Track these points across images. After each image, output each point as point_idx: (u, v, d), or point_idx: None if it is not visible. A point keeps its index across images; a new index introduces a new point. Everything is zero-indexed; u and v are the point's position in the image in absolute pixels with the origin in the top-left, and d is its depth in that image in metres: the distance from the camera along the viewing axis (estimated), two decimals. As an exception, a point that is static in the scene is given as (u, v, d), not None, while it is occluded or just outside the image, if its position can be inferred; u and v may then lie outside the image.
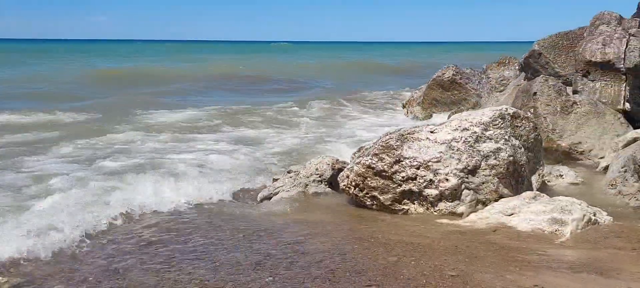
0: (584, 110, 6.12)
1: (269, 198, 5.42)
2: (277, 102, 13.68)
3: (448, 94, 9.89)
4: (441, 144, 4.71)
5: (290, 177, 5.63)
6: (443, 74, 9.99)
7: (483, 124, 4.75)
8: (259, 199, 5.47)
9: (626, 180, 4.79)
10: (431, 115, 9.99)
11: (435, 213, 4.58)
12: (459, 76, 9.91)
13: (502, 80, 11.13)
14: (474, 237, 3.93)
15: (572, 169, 5.60)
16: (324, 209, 4.77)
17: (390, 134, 4.94)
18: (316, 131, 9.38)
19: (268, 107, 12.67)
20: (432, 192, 4.63)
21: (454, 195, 4.60)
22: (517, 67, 11.67)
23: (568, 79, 7.46)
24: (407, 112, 10.55)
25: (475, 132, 4.71)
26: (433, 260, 3.40)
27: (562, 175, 5.41)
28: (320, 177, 5.53)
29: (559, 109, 6.16)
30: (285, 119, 11.13)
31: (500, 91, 10.75)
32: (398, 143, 4.81)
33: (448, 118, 9.03)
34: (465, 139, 4.69)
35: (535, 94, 6.37)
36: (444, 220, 4.39)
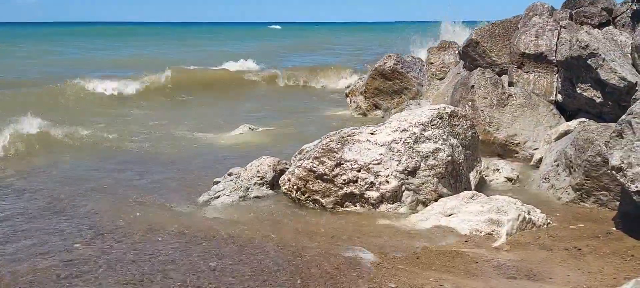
0: (518, 102, 6.28)
1: (208, 203, 5.27)
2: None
3: (390, 84, 9.94)
4: (381, 145, 4.71)
5: (231, 180, 5.50)
6: (384, 63, 10.02)
7: (422, 124, 4.78)
8: (199, 203, 5.31)
9: (558, 174, 4.95)
10: (374, 106, 10.04)
11: (377, 215, 4.59)
12: (400, 65, 9.98)
13: (442, 67, 11.30)
14: (413, 239, 3.96)
15: (508, 163, 5.75)
16: (265, 214, 4.67)
17: (331, 136, 4.89)
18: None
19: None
20: (373, 194, 4.63)
21: (395, 196, 4.62)
22: (457, 52, 11.91)
23: (504, 67, 7.64)
24: (350, 102, 10.55)
25: (414, 133, 4.73)
26: (373, 270, 3.39)
27: (498, 169, 5.55)
28: (261, 179, 5.42)
29: (495, 102, 6.29)
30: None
31: (441, 78, 10.93)
32: (339, 146, 4.77)
33: (391, 108, 9.17)
34: (405, 140, 4.71)
35: (472, 87, 6.48)
36: (386, 221, 4.41)
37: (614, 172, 3.81)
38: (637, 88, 5.57)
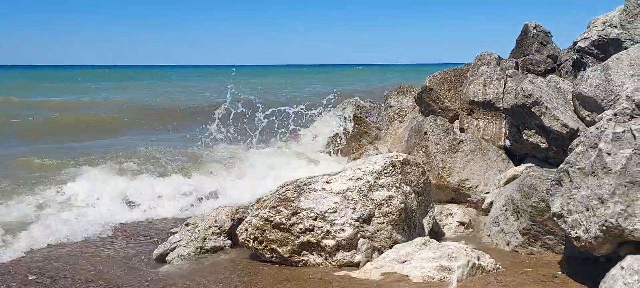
0: (469, 147, 6.52)
1: (165, 255, 5.22)
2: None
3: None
4: (337, 194, 4.80)
5: (188, 231, 5.48)
6: (343, 108, 10.26)
7: (375, 172, 4.91)
8: (154, 256, 5.26)
9: (507, 218, 5.14)
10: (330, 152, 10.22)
11: (333, 263, 4.65)
12: (359, 110, 10.22)
13: (400, 111, 11.61)
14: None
15: (461, 207, 5.93)
16: (220, 267, 4.67)
17: (287, 185, 4.96)
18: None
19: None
20: (329, 242, 4.70)
21: (351, 244, 4.70)
22: (415, 96, 12.27)
23: (458, 113, 7.94)
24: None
25: (368, 181, 4.86)
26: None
27: (451, 214, 5.72)
28: (219, 228, 5.43)
29: (447, 148, 6.52)
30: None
31: (400, 121, 11.22)
32: (295, 194, 4.84)
33: (350, 153, 9.31)
34: (359, 188, 4.82)
35: (425, 133, 6.70)
36: (342, 272, 4.46)
37: (555, 218, 4.00)
38: (578, 134, 5.88)
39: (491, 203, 5.81)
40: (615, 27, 6.63)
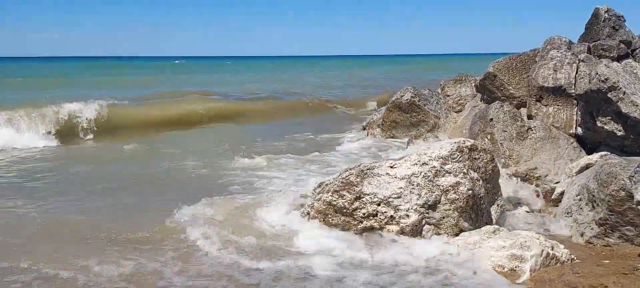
0: (538, 135, 6.25)
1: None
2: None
3: (407, 116, 9.96)
4: (401, 179, 4.70)
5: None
6: (401, 96, 10.07)
7: (442, 157, 4.77)
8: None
9: (581, 209, 4.88)
10: (393, 137, 10.04)
11: (397, 249, 4.55)
12: (418, 98, 10.01)
13: (459, 100, 11.32)
14: (433, 275, 3.91)
15: (529, 196, 5.69)
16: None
17: (350, 169, 4.90)
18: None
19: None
20: (393, 228, 4.60)
21: (415, 230, 4.59)
22: (473, 85, 11.92)
23: (522, 100, 7.63)
24: (368, 135, 10.58)
25: (434, 167, 4.72)
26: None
27: (519, 203, 5.49)
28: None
29: (514, 135, 6.26)
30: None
31: (458, 111, 10.92)
32: (358, 179, 4.77)
33: (407, 143, 9.15)
34: (425, 173, 4.70)
35: (491, 120, 6.47)
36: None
37: (638, 207, 3.74)
38: (659, 121, 5.51)
39: (562, 193, 5.53)
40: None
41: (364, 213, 4.67)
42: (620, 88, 5.60)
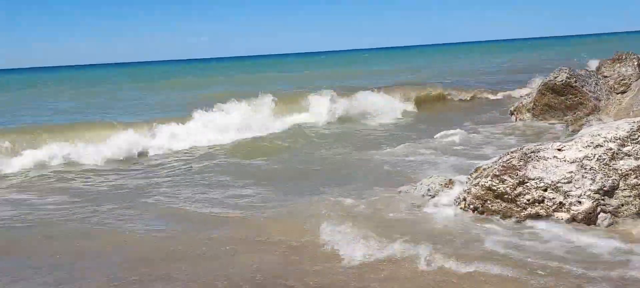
0: None
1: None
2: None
3: (562, 99, 9.14)
4: (571, 162, 4.31)
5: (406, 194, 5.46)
6: (555, 77, 9.25)
7: (619, 138, 4.30)
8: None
9: None
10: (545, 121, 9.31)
11: (566, 239, 4.19)
12: (574, 79, 9.14)
13: (621, 80, 10.21)
14: (613, 268, 3.52)
15: None
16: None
17: (512, 152, 4.61)
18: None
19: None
20: (562, 215, 4.25)
21: (589, 219, 4.19)
22: (636, 63, 10.64)
23: None
24: (516, 120, 9.92)
25: (610, 149, 4.27)
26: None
27: None
28: (432, 198, 5.30)
29: (703, 115, 5.45)
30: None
31: (621, 92, 9.85)
32: (521, 163, 4.48)
33: (566, 125, 8.43)
34: (599, 156, 4.27)
35: (672, 98, 5.70)
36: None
37: None
38: None
39: None
40: None
41: (528, 200, 4.37)
42: None
